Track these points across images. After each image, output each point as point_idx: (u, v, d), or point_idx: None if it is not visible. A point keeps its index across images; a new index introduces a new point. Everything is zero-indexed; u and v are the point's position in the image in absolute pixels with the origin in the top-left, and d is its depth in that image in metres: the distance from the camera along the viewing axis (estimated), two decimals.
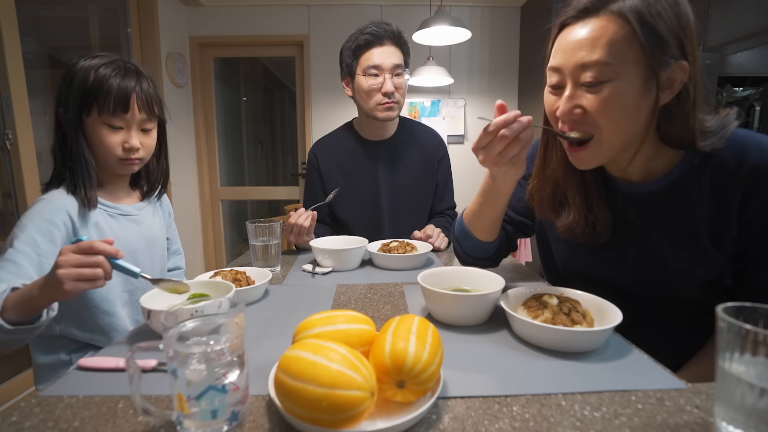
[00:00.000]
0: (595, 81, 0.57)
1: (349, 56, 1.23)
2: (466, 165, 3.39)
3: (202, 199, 3.44)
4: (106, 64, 0.83)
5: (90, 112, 0.83)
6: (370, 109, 1.24)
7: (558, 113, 0.62)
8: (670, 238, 0.67)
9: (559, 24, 0.62)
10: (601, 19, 0.56)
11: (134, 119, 0.85)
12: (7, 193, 1.83)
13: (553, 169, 0.72)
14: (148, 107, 0.86)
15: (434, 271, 0.77)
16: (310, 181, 1.37)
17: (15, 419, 0.45)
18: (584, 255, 0.76)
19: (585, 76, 0.57)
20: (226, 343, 0.40)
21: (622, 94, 0.56)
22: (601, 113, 0.58)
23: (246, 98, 3.97)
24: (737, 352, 0.36)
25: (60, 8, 2.33)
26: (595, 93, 0.58)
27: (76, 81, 0.82)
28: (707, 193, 0.63)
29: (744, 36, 2.65)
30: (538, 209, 0.76)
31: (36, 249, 0.76)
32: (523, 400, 0.47)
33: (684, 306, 0.72)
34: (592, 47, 0.56)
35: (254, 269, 0.90)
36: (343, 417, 0.38)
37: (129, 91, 0.83)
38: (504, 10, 3.24)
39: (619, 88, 0.56)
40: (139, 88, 0.84)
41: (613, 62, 0.55)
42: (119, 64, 0.84)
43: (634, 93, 0.57)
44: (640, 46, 0.55)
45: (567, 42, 0.59)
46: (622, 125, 0.59)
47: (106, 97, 0.81)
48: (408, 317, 0.49)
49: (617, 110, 0.57)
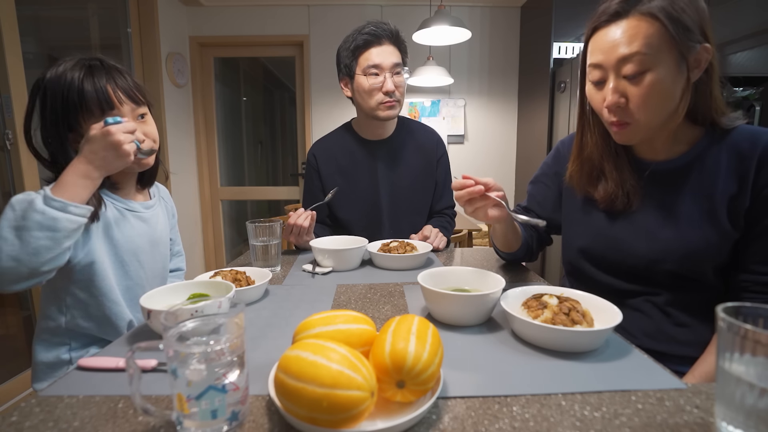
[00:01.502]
0: (637, 72, 0.65)
1: (347, 57, 1.22)
2: (466, 165, 3.39)
3: (202, 199, 3.44)
4: (72, 69, 0.79)
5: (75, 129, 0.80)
6: (372, 109, 1.24)
7: (606, 104, 0.70)
8: (689, 209, 0.73)
9: (592, 27, 0.70)
10: (632, 20, 0.64)
11: (128, 109, 0.83)
12: (7, 193, 1.83)
13: (590, 150, 0.82)
14: (130, 97, 0.83)
15: (434, 271, 0.77)
16: (310, 182, 1.37)
17: (15, 419, 0.45)
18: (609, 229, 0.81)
19: (626, 69, 0.66)
20: (226, 343, 0.40)
21: (661, 79, 0.65)
22: (643, 101, 0.66)
23: (246, 98, 3.97)
24: (737, 352, 0.36)
25: (60, 8, 2.33)
26: (637, 83, 0.66)
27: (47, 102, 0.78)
28: (724, 167, 0.70)
29: (744, 36, 2.65)
30: (578, 186, 0.85)
31: None
32: (523, 400, 0.47)
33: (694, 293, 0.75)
34: (629, 43, 0.64)
35: (254, 269, 0.90)
36: (343, 417, 0.38)
37: (105, 89, 0.80)
38: (504, 10, 3.24)
39: (658, 75, 0.64)
40: (113, 83, 0.81)
41: (649, 53, 0.63)
42: (84, 63, 0.81)
43: (671, 77, 0.65)
44: (670, 37, 0.63)
45: (604, 41, 0.67)
46: (660, 108, 0.67)
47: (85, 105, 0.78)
48: (408, 317, 0.49)
49: (658, 96, 0.66)
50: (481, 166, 3.42)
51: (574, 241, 0.88)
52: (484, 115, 3.37)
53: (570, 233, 0.90)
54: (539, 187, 0.98)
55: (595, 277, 0.84)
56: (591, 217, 0.84)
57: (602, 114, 0.73)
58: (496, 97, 3.35)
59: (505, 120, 3.39)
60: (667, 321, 0.77)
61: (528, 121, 3.16)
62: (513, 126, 3.40)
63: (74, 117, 0.79)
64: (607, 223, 0.81)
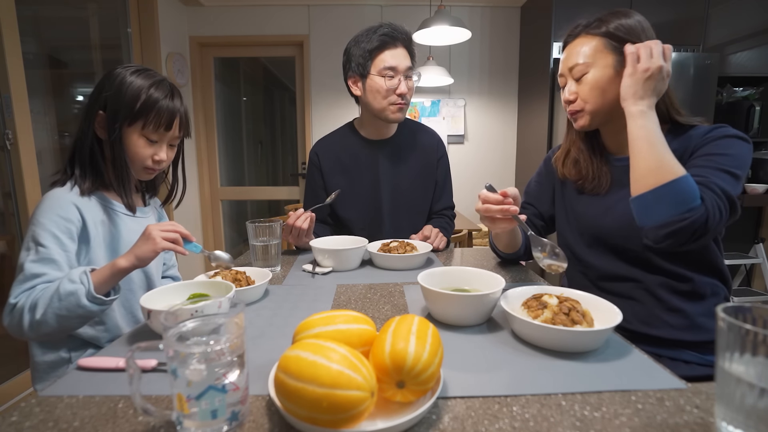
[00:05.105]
0: (580, 75, 0.86)
1: (362, 56, 1.22)
2: (466, 165, 3.39)
3: (202, 199, 3.44)
4: (155, 85, 0.87)
5: (132, 125, 0.86)
6: (381, 109, 1.25)
7: (563, 100, 0.91)
8: None
9: (562, 47, 0.93)
10: (580, 38, 0.87)
11: (171, 136, 0.91)
12: (7, 193, 1.83)
13: (572, 140, 0.99)
14: (185, 127, 0.93)
15: (434, 271, 0.77)
16: (311, 180, 1.37)
17: (15, 419, 0.45)
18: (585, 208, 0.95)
19: (574, 73, 0.87)
20: (226, 343, 0.40)
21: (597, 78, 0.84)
22: (585, 94, 0.87)
23: (246, 98, 3.96)
24: (737, 352, 0.36)
25: (60, 8, 2.33)
26: (581, 83, 0.87)
27: (126, 96, 0.84)
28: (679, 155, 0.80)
29: (744, 36, 2.65)
30: (560, 168, 1.00)
31: (62, 246, 0.81)
32: (523, 400, 0.47)
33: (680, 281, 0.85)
34: (576, 56, 0.86)
35: (254, 269, 0.90)
36: (343, 417, 0.38)
37: (176, 113, 0.89)
38: (504, 10, 3.24)
39: (593, 75, 0.84)
40: (182, 110, 0.91)
41: (586, 60, 0.85)
42: (166, 85, 0.89)
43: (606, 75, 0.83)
44: (604, 46, 0.83)
45: (564, 57, 0.90)
46: (599, 98, 0.85)
47: (156, 117, 0.86)
48: (408, 317, 0.49)
49: (595, 89, 0.85)
50: (481, 166, 3.42)
51: (562, 225, 1.02)
52: (484, 115, 3.37)
53: (560, 220, 1.04)
54: (535, 186, 1.11)
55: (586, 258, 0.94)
56: (573, 201, 0.99)
57: (565, 109, 0.93)
58: (496, 97, 3.35)
59: (505, 120, 3.39)
60: (659, 306, 0.85)
61: (528, 121, 3.16)
62: (513, 126, 3.40)
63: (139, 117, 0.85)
64: (583, 205, 0.96)
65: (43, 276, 0.77)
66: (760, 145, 2.79)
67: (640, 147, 0.76)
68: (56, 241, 0.80)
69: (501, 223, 0.84)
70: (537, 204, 1.09)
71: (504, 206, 0.79)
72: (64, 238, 0.81)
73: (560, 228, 1.04)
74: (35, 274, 0.77)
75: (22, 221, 1.82)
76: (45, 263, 0.78)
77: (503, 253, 1.07)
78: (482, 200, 0.82)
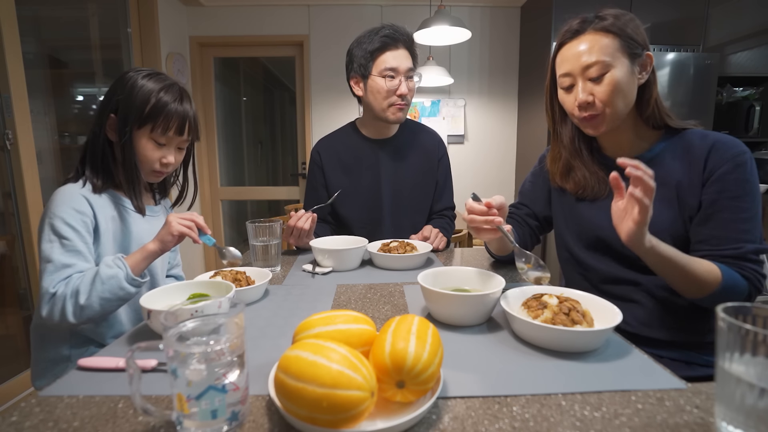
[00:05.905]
0: (599, 74, 0.80)
1: (364, 57, 1.24)
2: (466, 165, 3.39)
3: (202, 199, 3.44)
4: (165, 89, 0.88)
5: (141, 127, 0.87)
6: (382, 110, 1.26)
7: (578, 103, 0.83)
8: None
9: (558, 44, 0.87)
10: (589, 35, 0.81)
11: (179, 140, 0.92)
12: (7, 193, 1.83)
13: (563, 146, 0.95)
14: (194, 131, 0.95)
15: (434, 271, 0.77)
16: (313, 178, 1.38)
17: (15, 419, 0.45)
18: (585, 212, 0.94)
19: (590, 73, 0.80)
20: (226, 343, 0.40)
21: (618, 77, 0.79)
22: (606, 95, 0.80)
23: (246, 98, 3.97)
24: (737, 352, 0.36)
25: (60, 8, 2.32)
26: (600, 83, 0.80)
27: (136, 99, 0.86)
28: (679, 159, 0.83)
29: (744, 36, 2.65)
30: (558, 181, 0.98)
31: (82, 238, 0.84)
32: (523, 400, 0.47)
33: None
34: (590, 53, 0.80)
35: (254, 269, 0.90)
36: (343, 417, 0.38)
37: (184, 117, 0.90)
38: (504, 10, 3.24)
39: (615, 75, 0.79)
40: (191, 114, 0.92)
41: (607, 59, 0.79)
42: (176, 89, 0.90)
43: (626, 75, 0.80)
44: (621, 45, 0.79)
45: (570, 54, 0.83)
46: (620, 100, 0.81)
47: (164, 120, 0.87)
48: (408, 317, 0.49)
49: (617, 90, 0.80)
50: (481, 166, 3.42)
51: (561, 228, 1.01)
52: (484, 115, 3.37)
53: (558, 223, 1.03)
54: (530, 186, 1.10)
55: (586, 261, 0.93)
56: (572, 206, 0.97)
57: (573, 113, 0.86)
58: (496, 97, 3.35)
59: (505, 120, 3.39)
60: (659, 308, 0.84)
61: (528, 121, 3.16)
62: (513, 126, 3.39)
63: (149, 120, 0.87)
64: (583, 210, 0.94)
65: (74, 266, 0.80)
66: (760, 145, 2.79)
67: (672, 275, 0.75)
68: (76, 234, 0.83)
69: (487, 234, 0.81)
70: (531, 204, 1.08)
71: (488, 218, 0.77)
72: (82, 230, 0.84)
73: (559, 231, 1.03)
74: (66, 264, 0.80)
75: (22, 221, 1.82)
76: (73, 254, 0.81)
77: (497, 255, 1.07)
78: (467, 210, 0.81)
